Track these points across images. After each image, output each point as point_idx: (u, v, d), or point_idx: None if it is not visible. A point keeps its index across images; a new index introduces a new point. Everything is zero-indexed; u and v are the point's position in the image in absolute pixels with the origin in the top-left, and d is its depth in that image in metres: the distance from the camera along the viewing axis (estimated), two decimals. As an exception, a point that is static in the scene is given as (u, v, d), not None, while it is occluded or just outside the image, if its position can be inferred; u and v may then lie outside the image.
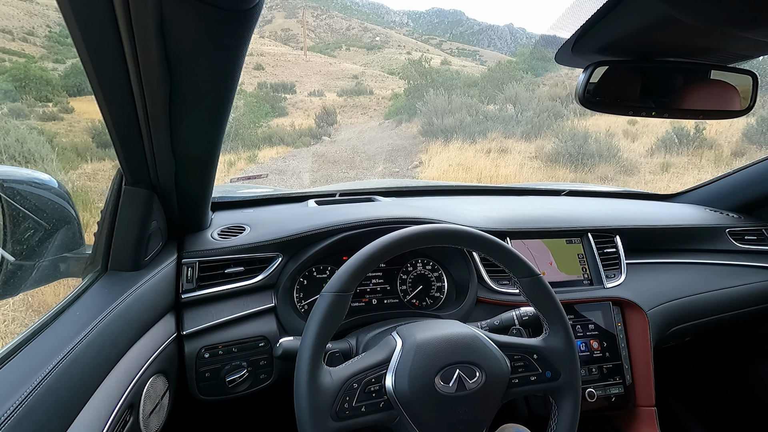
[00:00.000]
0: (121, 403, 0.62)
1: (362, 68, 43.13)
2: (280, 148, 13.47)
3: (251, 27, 0.48)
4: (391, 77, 37.82)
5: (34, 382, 0.50)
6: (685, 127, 9.04)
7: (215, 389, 0.86)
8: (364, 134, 15.66)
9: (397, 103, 20.20)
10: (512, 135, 11.37)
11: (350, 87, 31.94)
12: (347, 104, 24.30)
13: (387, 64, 49.51)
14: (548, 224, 1.14)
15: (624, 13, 0.49)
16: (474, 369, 0.65)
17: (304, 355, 0.60)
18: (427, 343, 0.66)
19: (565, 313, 0.74)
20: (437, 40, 70.02)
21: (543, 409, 0.99)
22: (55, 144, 7.92)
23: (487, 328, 0.80)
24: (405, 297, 1.05)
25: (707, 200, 1.53)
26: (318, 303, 0.64)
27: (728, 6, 0.45)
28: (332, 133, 16.81)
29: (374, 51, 60.94)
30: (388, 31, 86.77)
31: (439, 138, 11.50)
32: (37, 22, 41.64)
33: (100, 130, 8.89)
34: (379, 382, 0.64)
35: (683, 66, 0.67)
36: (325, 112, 19.06)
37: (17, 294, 0.73)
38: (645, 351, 1.08)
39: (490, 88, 15.90)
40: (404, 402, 0.63)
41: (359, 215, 1.03)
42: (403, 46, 69.06)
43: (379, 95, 27.04)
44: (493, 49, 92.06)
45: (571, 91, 15.06)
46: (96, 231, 0.78)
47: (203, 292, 0.89)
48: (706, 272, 1.27)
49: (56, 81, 15.89)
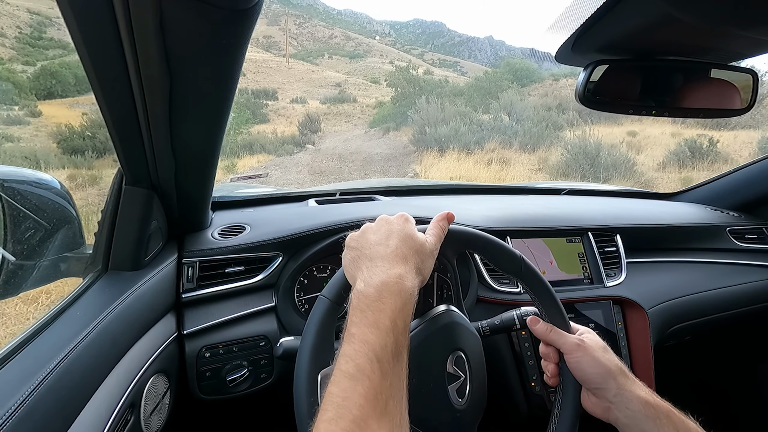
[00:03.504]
0: (122, 403, 0.62)
1: (345, 76, 42.92)
2: (262, 157, 12.89)
3: (251, 26, 0.48)
4: (374, 86, 37.71)
5: (35, 381, 0.50)
6: (698, 140, 8.63)
7: (216, 389, 0.86)
8: (350, 142, 15.15)
9: (382, 111, 20.03)
10: (509, 145, 10.97)
11: (333, 95, 31.76)
12: (330, 112, 24.13)
13: (370, 73, 49.33)
14: (548, 223, 1.14)
15: (624, 12, 0.49)
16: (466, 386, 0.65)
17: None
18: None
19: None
20: (419, 50, 69.99)
21: (543, 407, 0.99)
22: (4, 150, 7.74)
23: (488, 328, 0.80)
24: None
25: (708, 199, 1.53)
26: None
27: (728, 5, 0.45)
28: (316, 140, 16.40)
29: (357, 60, 60.73)
30: (371, 41, 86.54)
31: (432, 148, 11.02)
32: (6, 22, 41.06)
33: (67, 135, 8.62)
34: None
35: (683, 65, 0.67)
36: (309, 119, 18.70)
37: (18, 294, 0.73)
38: (645, 350, 1.08)
39: (477, 97, 15.72)
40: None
41: (359, 214, 1.03)
42: (385, 55, 68.93)
43: (363, 103, 26.74)
44: (473, 60, 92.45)
45: (561, 101, 14.86)
46: (96, 231, 0.78)
47: (204, 291, 0.89)
48: (707, 271, 1.27)
49: (24, 83, 15.69)
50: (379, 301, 0.49)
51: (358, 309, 0.50)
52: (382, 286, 0.51)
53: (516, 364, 1.01)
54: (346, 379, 0.44)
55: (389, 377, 0.45)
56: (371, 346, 0.46)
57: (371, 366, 0.44)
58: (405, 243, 0.57)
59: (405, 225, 0.60)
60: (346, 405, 0.41)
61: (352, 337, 0.47)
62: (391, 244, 0.56)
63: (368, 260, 0.55)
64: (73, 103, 15.12)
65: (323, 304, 0.60)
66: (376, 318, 0.48)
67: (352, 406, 0.41)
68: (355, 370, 0.44)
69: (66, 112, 11.38)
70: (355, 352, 0.45)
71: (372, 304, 0.49)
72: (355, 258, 0.58)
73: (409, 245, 0.57)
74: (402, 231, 0.58)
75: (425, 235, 0.61)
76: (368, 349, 0.45)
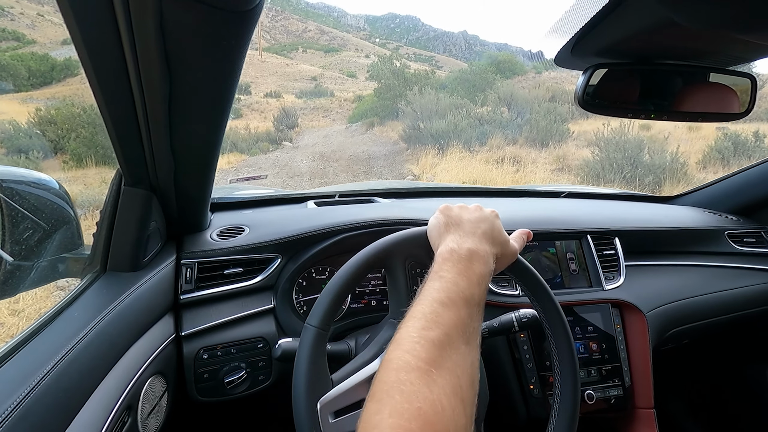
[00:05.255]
0: (119, 404, 0.61)
1: (321, 70, 42.10)
2: (233, 156, 11.46)
3: (251, 28, 0.48)
4: (351, 80, 37.03)
5: (32, 382, 0.50)
6: (741, 134, 7.49)
7: (214, 390, 0.85)
8: (331, 139, 14.10)
9: (362, 106, 19.04)
10: (513, 141, 10.13)
11: (309, 88, 30.88)
12: (307, 106, 23.38)
13: (346, 67, 48.54)
14: (547, 226, 1.14)
15: (623, 16, 0.49)
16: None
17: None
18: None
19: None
20: (394, 44, 69.41)
21: (542, 410, 0.99)
22: None
23: (487, 330, 0.80)
24: (409, 304, 1.04)
25: (706, 202, 1.53)
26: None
27: (727, 9, 0.45)
28: (294, 137, 15.26)
29: (332, 54, 59.94)
30: (345, 35, 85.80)
31: (427, 144, 10.06)
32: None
33: (12, 133, 7.61)
34: None
35: (682, 69, 0.67)
36: (285, 113, 17.72)
37: (15, 294, 0.73)
38: (644, 353, 1.08)
39: (462, 90, 14.88)
40: None
41: (358, 216, 1.03)
42: (360, 49, 68.21)
43: (340, 97, 25.94)
44: (448, 54, 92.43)
45: (554, 93, 14.41)
46: (95, 231, 0.78)
47: (202, 293, 0.88)
48: (705, 274, 1.28)
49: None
50: (469, 261, 0.52)
51: (449, 261, 0.52)
52: (472, 252, 0.53)
53: (515, 366, 1.01)
54: (437, 304, 0.45)
55: (474, 320, 0.47)
56: (461, 288, 0.47)
57: (461, 301, 0.46)
58: (493, 232, 0.60)
59: (496, 220, 0.63)
60: (437, 320, 0.43)
61: (442, 279, 0.49)
62: (482, 227, 0.60)
63: (460, 229, 0.59)
64: (26, 98, 13.68)
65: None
66: (467, 268, 0.50)
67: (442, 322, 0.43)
68: (447, 299, 0.46)
69: (17, 108, 10.45)
70: (447, 288, 0.47)
71: (462, 260, 0.52)
72: (446, 223, 0.61)
73: (496, 236, 0.61)
74: (493, 223, 0.62)
75: (510, 237, 0.65)
76: (458, 290, 0.47)
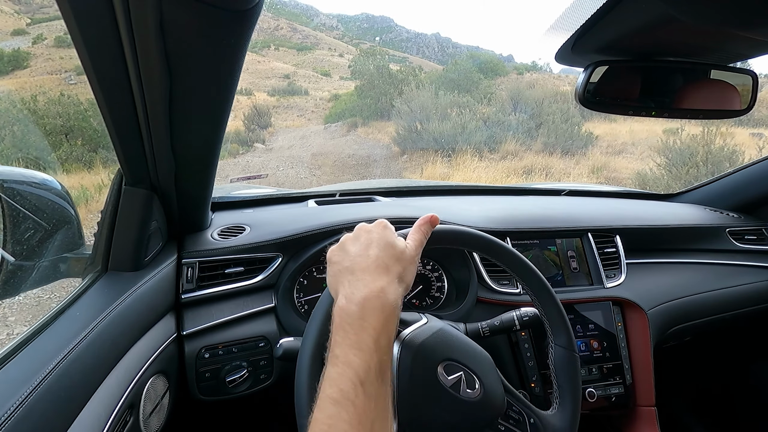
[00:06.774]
0: (121, 404, 0.62)
1: (294, 68, 40.73)
2: None
3: (251, 27, 0.48)
4: (325, 78, 36.08)
5: (34, 382, 0.50)
6: None
7: (215, 389, 0.86)
8: (309, 140, 12.48)
9: (340, 105, 17.71)
10: (528, 146, 8.91)
11: (282, 86, 29.02)
12: (281, 104, 21.79)
13: (319, 66, 47.20)
14: (548, 224, 1.14)
15: (624, 12, 0.49)
16: (475, 379, 0.63)
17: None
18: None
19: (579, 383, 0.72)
20: (368, 44, 68.30)
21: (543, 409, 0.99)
22: None
23: (488, 329, 0.80)
24: (405, 297, 1.05)
25: (707, 200, 1.53)
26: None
27: (728, 5, 0.45)
28: (267, 138, 13.56)
29: (305, 52, 58.47)
30: (318, 34, 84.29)
31: (428, 149, 8.86)
32: None
33: None
34: None
35: (683, 65, 0.67)
36: (257, 112, 16.06)
37: (17, 295, 0.73)
38: (645, 351, 1.08)
39: (445, 88, 13.14)
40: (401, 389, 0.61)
41: (359, 215, 1.03)
42: (334, 48, 66.89)
43: (315, 96, 24.61)
44: (421, 56, 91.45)
45: (555, 93, 14.04)
46: (96, 231, 0.78)
47: (203, 292, 0.89)
48: (706, 272, 1.27)
49: None
50: (361, 319, 0.48)
51: (340, 328, 0.49)
52: (365, 301, 0.49)
53: (516, 364, 1.01)
54: (331, 405, 0.43)
55: (374, 399, 0.44)
56: (354, 369, 0.45)
57: (355, 390, 0.43)
58: (385, 251, 0.55)
59: (384, 232, 0.58)
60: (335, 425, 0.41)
61: (336, 359, 0.46)
62: (371, 254, 0.55)
63: (349, 273, 0.54)
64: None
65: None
66: (358, 338, 0.47)
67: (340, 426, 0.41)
68: (339, 395, 0.43)
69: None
70: (339, 375, 0.45)
71: (354, 323, 0.48)
72: (336, 272, 0.56)
73: (389, 253, 0.55)
74: (381, 239, 0.57)
75: (406, 241, 0.60)
76: (352, 373, 0.44)
